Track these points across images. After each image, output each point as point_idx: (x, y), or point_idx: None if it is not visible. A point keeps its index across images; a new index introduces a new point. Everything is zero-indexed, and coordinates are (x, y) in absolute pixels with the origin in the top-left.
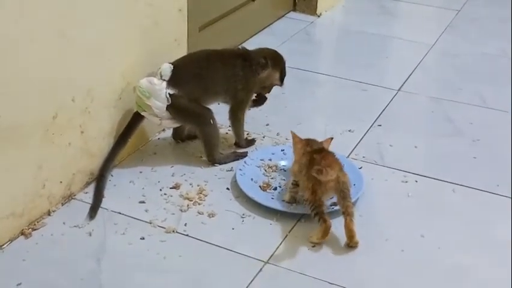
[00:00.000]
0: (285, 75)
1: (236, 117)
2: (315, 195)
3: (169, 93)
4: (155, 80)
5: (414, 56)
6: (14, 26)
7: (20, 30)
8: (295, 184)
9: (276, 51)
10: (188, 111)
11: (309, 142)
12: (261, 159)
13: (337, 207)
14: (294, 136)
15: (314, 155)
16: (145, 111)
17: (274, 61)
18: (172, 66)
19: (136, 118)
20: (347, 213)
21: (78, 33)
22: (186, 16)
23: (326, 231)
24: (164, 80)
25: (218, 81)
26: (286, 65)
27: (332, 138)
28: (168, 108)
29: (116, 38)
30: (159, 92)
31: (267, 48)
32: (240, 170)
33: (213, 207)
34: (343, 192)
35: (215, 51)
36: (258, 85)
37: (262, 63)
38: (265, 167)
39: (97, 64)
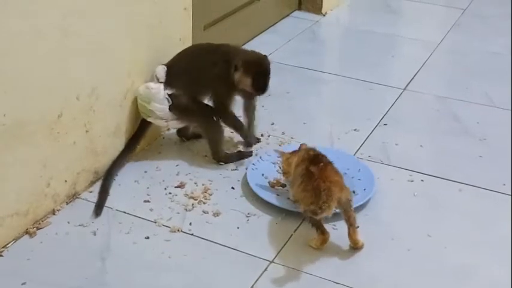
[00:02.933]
0: (260, 85)
1: (224, 119)
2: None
3: (168, 94)
4: (152, 84)
5: (420, 54)
6: (18, 24)
7: (24, 28)
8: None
9: (259, 58)
10: (190, 109)
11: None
12: (279, 157)
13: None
14: (283, 154)
15: (311, 167)
16: (150, 116)
17: (247, 66)
18: (165, 67)
19: (143, 124)
20: (350, 223)
21: (82, 31)
22: (191, 15)
23: (324, 241)
24: (161, 82)
25: (202, 78)
26: (296, 63)
27: (304, 144)
28: (171, 109)
29: (121, 36)
30: (157, 94)
31: (255, 53)
32: (253, 164)
33: (218, 206)
34: (344, 208)
35: (205, 47)
36: (235, 88)
37: (235, 65)
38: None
39: (102, 62)
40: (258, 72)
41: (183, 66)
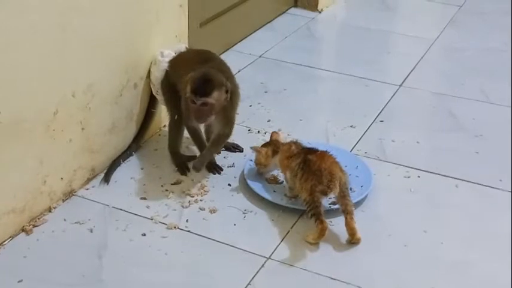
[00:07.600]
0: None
1: (185, 126)
2: (313, 196)
3: (166, 70)
4: (165, 53)
5: (416, 51)
6: (14, 21)
7: (20, 25)
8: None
9: (201, 73)
10: (167, 94)
11: (273, 144)
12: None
13: (336, 206)
14: (261, 149)
15: (309, 156)
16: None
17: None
18: (184, 48)
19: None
20: (347, 212)
21: (78, 28)
22: (187, 12)
23: (322, 232)
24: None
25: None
26: (292, 60)
27: (279, 130)
28: (161, 82)
29: (117, 33)
30: (159, 63)
31: (210, 69)
32: (251, 160)
33: (214, 203)
34: (342, 192)
35: (206, 58)
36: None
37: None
38: None
39: (97, 60)
40: (191, 83)
41: (184, 59)
